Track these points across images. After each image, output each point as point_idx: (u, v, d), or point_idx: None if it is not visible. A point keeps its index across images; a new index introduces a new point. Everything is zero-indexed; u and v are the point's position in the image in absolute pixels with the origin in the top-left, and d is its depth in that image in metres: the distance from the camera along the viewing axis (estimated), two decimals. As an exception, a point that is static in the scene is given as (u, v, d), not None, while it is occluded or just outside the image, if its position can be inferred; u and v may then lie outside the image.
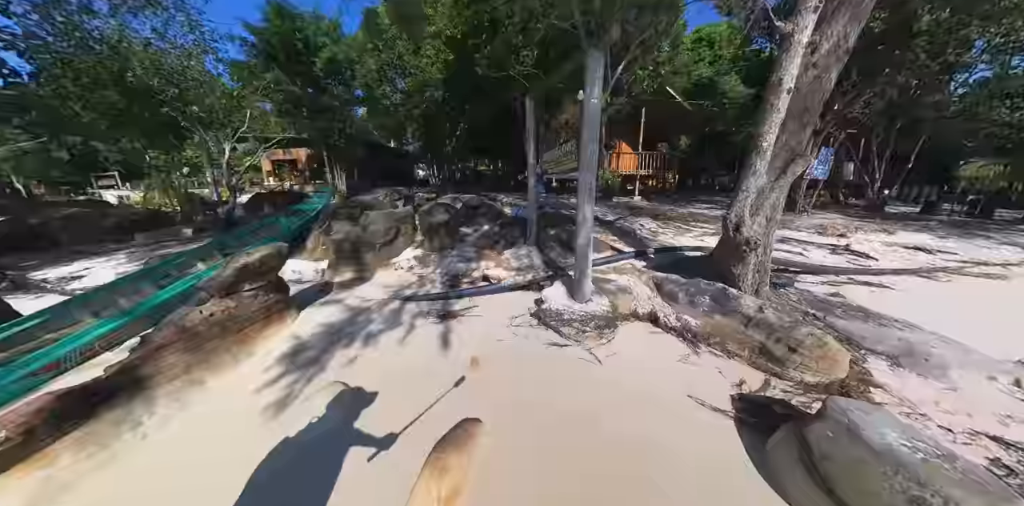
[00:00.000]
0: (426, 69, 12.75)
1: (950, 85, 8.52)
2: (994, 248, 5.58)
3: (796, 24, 1.89)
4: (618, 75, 5.28)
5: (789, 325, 1.97)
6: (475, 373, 2.32)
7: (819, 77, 2.07)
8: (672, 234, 5.75)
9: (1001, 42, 7.51)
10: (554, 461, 1.54)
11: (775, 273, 3.10)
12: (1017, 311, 3.09)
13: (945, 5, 6.46)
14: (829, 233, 6.39)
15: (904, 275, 4.13)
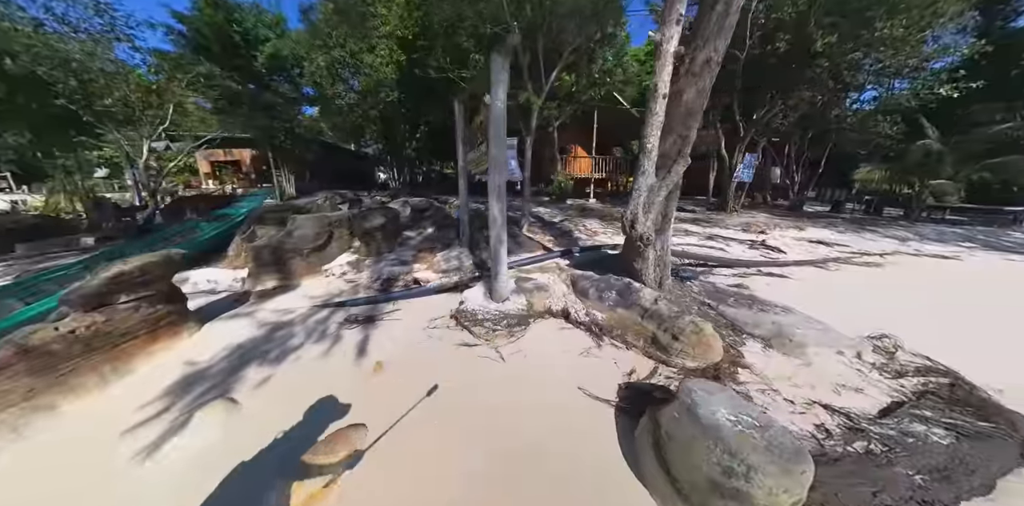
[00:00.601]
0: (380, 69, 12.40)
1: (846, 101, 9.74)
2: (878, 240, 6.42)
3: (664, 34, 2.04)
4: (552, 81, 5.45)
5: (675, 315, 2.09)
6: (376, 378, 2.22)
7: (697, 84, 2.24)
8: (612, 233, 5.98)
9: (879, 67, 8.73)
10: (440, 459, 1.49)
11: (687, 267, 3.31)
12: (879, 294, 3.54)
13: (834, 31, 7.41)
14: (751, 230, 7.01)
15: (803, 266, 4.61)
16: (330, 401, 2.02)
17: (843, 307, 3.13)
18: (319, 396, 2.06)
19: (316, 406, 1.99)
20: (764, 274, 4.14)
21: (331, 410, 1.94)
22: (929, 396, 1.68)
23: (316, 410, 1.95)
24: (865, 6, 7.45)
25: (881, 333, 2.40)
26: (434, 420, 1.75)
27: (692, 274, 2.92)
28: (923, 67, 8.97)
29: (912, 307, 3.14)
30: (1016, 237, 6.94)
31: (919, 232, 7.01)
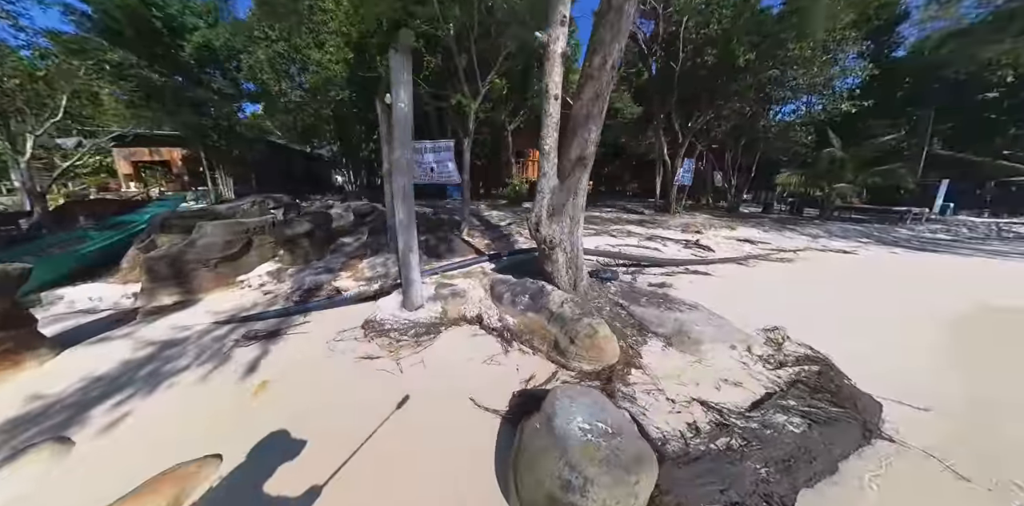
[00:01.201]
0: (329, 66, 11.76)
1: (770, 114, 10.75)
2: (795, 238, 7.07)
3: (550, 35, 2.05)
4: (487, 85, 5.43)
5: (576, 317, 2.07)
6: (256, 400, 1.98)
7: (595, 86, 2.27)
8: None
9: (795, 84, 9.74)
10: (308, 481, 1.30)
11: (608, 267, 3.35)
12: (785, 288, 3.80)
13: (753, 49, 8.16)
14: (689, 230, 7.43)
15: (727, 263, 4.92)
16: (193, 432, 1.75)
17: (751, 301, 3.33)
18: (182, 427, 1.78)
19: (175, 439, 1.71)
20: (690, 272, 4.34)
21: (190, 442, 1.67)
22: (799, 385, 1.77)
23: (173, 445, 1.67)
24: (779, 29, 8.29)
25: (774, 326, 2.54)
26: (317, 439, 1.56)
27: (612, 275, 2.95)
28: (830, 85, 10.18)
29: (810, 300, 3.41)
30: (902, 233, 7.97)
31: (828, 230, 7.80)
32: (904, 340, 2.52)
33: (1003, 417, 1.66)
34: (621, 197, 18.63)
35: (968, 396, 1.83)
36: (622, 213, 10.45)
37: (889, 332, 2.66)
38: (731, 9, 7.68)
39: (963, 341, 2.54)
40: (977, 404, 1.77)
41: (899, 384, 1.90)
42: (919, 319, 2.94)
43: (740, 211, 11.79)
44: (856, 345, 2.44)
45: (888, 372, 2.07)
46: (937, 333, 2.67)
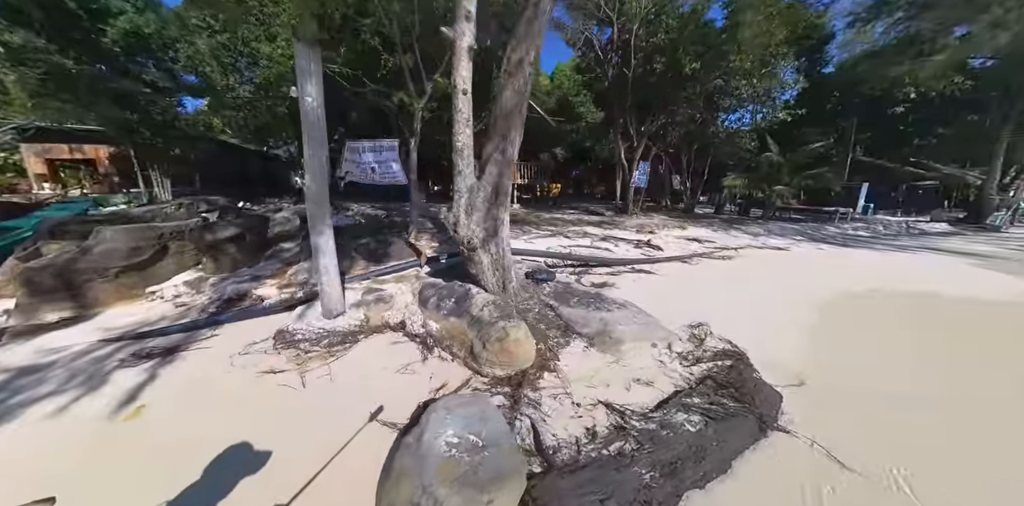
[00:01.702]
0: (281, 61, 11.05)
1: (718, 121, 11.44)
2: (739, 236, 7.51)
3: (456, 31, 1.98)
4: (432, 83, 5.30)
5: (493, 320, 1.97)
6: (128, 427, 1.70)
7: (514, 84, 2.21)
8: (514, 235, 5.97)
9: (738, 93, 10.45)
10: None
11: (545, 269, 3.31)
12: (721, 284, 3.95)
13: (698, 59, 8.66)
14: (643, 230, 7.67)
15: (672, 261, 5.09)
16: (46, 469, 1.46)
17: (687, 298, 3.42)
18: (32, 465, 1.48)
19: (16, 479, 1.41)
20: (636, 271, 4.42)
21: (32, 483, 1.39)
22: (708, 381, 1.78)
23: (11, 485, 1.37)
24: (721, 41, 8.85)
25: (699, 322, 2.60)
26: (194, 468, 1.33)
27: (548, 276, 2.90)
28: (770, 96, 11.04)
29: (739, 294, 3.56)
30: (830, 230, 8.71)
31: (769, 229, 8.36)
32: (808, 324, 2.67)
33: (890, 404, 1.76)
34: (589, 199, 19.05)
35: (855, 376, 1.94)
36: (584, 214, 10.64)
37: (799, 319, 2.82)
38: (677, 20, 8.09)
39: (858, 321, 2.74)
40: (864, 389, 1.87)
41: (800, 368, 1.99)
42: (832, 305, 3.15)
43: (695, 212, 12.42)
44: (769, 333, 2.56)
45: (788, 355, 2.18)
46: (841, 315, 2.86)
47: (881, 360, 2.22)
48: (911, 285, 4.05)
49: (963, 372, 2.10)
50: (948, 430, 1.57)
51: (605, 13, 9.37)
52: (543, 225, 7.93)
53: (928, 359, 2.24)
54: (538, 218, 9.15)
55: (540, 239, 6.01)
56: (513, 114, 2.25)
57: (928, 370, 2.10)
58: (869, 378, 1.97)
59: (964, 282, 4.20)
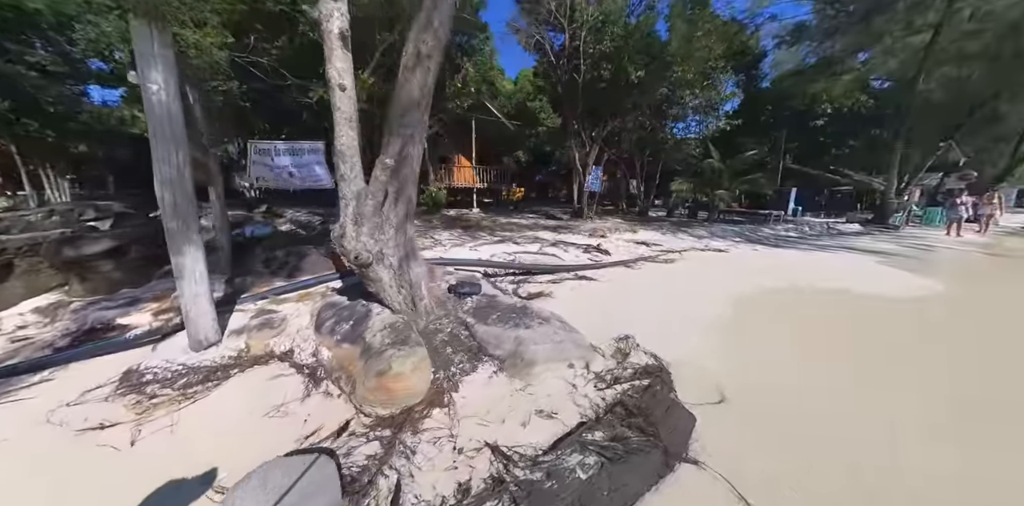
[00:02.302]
0: (210, 51, 9.91)
1: (667, 129, 11.99)
2: (685, 239, 7.81)
3: (321, 11, 1.71)
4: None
5: (381, 349, 1.70)
6: None
7: (413, 79, 1.97)
8: (456, 244, 5.69)
9: (683, 102, 11.03)
10: None
11: (468, 282, 3.08)
12: (661, 288, 3.94)
13: (643, 68, 8.99)
14: (595, 235, 7.74)
15: (617, 266, 5.10)
16: None
17: (623, 305, 3.36)
18: None
19: None
20: (579, 277, 4.33)
21: None
22: (618, 407, 1.63)
23: None
24: (665, 53, 9.27)
25: (625, 334, 2.49)
26: None
27: (472, 289, 2.67)
28: (714, 107, 11.81)
29: (676, 299, 3.56)
30: (766, 232, 9.37)
31: (712, 231, 8.79)
32: (733, 327, 2.68)
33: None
34: (553, 203, 19.20)
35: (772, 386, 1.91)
36: (543, 219, 10.62)
37: (726, 323, 2.83)
38: (622, 29, 8.32)
39: (779, 322, 2.80)
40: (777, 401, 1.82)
41: (722, 379, 1.92)
42: (757, 306, 3.23)
43: (649, 215, 12.88)
44: (696, 340, 2.52)
45: (712, 363, 2.13)
46: (764, 317, 2.91)
47: (800, 368, 2.22)
48: (829, 283, 4.34)
49: (872, 374, 2.15)
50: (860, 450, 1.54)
51: (557, 19, 9.49)
52: (497, 230, 7.73)
53: (840, 365, 2.28)
54: (493, 223, 8.94)
55: (488, 245, 5.78)
56: (412, 111, 1.99)
57: (842, 379, 2.12)
58: (786, 394, 1.92)
59: (873, 280, 4.57)
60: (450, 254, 4.88)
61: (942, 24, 9.23)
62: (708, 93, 10.67)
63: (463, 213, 11.55)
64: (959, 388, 2.01)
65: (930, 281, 4.55)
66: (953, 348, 2.61)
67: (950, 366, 2.31)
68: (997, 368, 2.28)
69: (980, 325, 3.10)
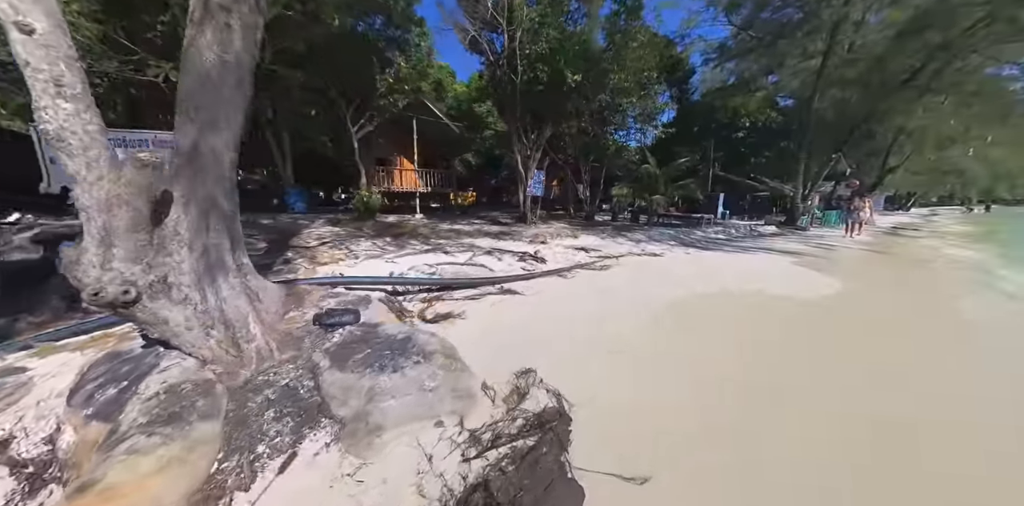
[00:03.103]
0: (83, 27, 8.05)
1: (608, 135, 12.31)
2: (623, 243, 7.88)
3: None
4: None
5: (120, 438, 1.12)
6: None
7: (194, 42, 1.41)
8: (365, 258, 5.01)
9: (623, 110, 11.38)
10: None
11: (339, 311, 2.54)
12: (586, 302, 3.64)
13: (587, 76, 9.06)
14: (536, 241, 7.51)
15: (549, 275, 4.83)
16: None
17: (541, 325, 3.01)
18: None
19: None
20: (504, 291, 3.96)
21: None
22: (477, 493, 1.21)
23: None
24: (602, 60, 9.43)
25: (527, 368, 2.12)
26: None
27: (344, 319, 2.13)
28: (653, 117, 12.40)
29: (596, 319, 3.31)
30: (698, 235, 9.91)
31: (650, 235, 9.05)
32: (653, 346, 2.46)
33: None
34: (506, 207, 18.90)
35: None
36: (488, 224, 10.22)
37: (646, 338, 2.61)
38: (559, 31, 8.26)
39: (704, 332, 2.65)
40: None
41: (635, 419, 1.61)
42: (683, 314, 3.08)
43: (595, 219, 13.11)
44: (612, 369, 2.24)
45: (624, 394, 1.83)
46: (689, 327, 2.75)
47: (735, 406, 1.89)
48: (750, 285, 4.51)
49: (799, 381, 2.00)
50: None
51: (496, 19, 9.22)
52: (432, 238, 7.16)
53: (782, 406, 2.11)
54: (432, 230, 8.34)
55: (412, 256, 5.21)
56: (206, 86, 1.43)
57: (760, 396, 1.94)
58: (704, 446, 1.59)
59: (788, 281, 4.84)
60: (359, 269, 4.23)
61: (828, 52, 10.55)
62: (645, 102, 11.13)
63: (404, 219, 10.75)
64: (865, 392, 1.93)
65: (834, 280, 4.93)
66: (854, 346, 2.67)
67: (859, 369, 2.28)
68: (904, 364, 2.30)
69: (878, 322, 3.27)
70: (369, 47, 8.31)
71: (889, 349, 2.71)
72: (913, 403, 1.92)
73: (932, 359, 2.56)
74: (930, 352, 2.68)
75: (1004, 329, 3.25)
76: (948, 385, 2.16)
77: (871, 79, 10.88)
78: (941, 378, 2.26)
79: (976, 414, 1.84)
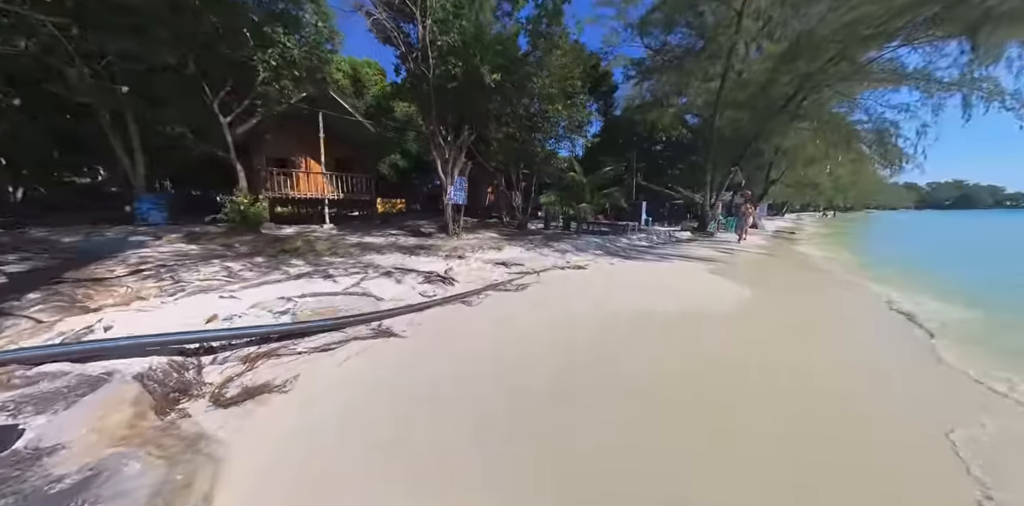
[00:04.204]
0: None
1: (535, 142, 12.07)
2: (549, 255, 7.43)
3: None
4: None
5: None
6: None
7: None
8: (193, 290, 3.66)
9: (552, 118, 11.23)
10: None
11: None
12: (481, 344, 2.84)
13: (510, 79, 8.58)
14: (454, 256, 6.68)
15: (449, 303, 4.00)
16: None
17: (406, 389, 2.18)
18: None
19: None
20: (377, 333, 3.02)
21: None
22: None
23: None
24: (524, 62, 9.07)
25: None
26: None
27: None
28: (580, 126, 12.50)
29: (494, 368, 2.58)
30: (623, 242, 10.05)
31: (577, 244, 8.81)
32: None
33: None
34: (441, 216, 17.52)
35: None
36: (406, 236, 9.07)
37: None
38: (472, 24, 7.63)
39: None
40: None
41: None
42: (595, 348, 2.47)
43: (528, 228, 12.74)
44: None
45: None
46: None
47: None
48: (669, 300, 4.26)
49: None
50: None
51: (406, 5, 8.28)
52: (325, 256, 5.85)
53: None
54: (332, 245, 6.95)
55: (272, 286, 3.95)
56: None
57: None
58: None
59: (704, 291, 4.78)
60: (164, 312, 2.89)
61: (725, 75, 11.75)
62: (571, 111, 11.13)
63: (305, 231, 9.06)
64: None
65: (743, 288, 4.99)
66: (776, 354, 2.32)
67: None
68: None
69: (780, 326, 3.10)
70: (236, 14, 6.70)
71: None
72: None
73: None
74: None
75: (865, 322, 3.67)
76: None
77: (757, 103, 12.41)
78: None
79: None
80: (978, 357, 2.66)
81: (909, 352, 2.90)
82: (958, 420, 1.85)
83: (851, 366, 2.65)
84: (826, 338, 3.38)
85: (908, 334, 3.25)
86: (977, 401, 2.11)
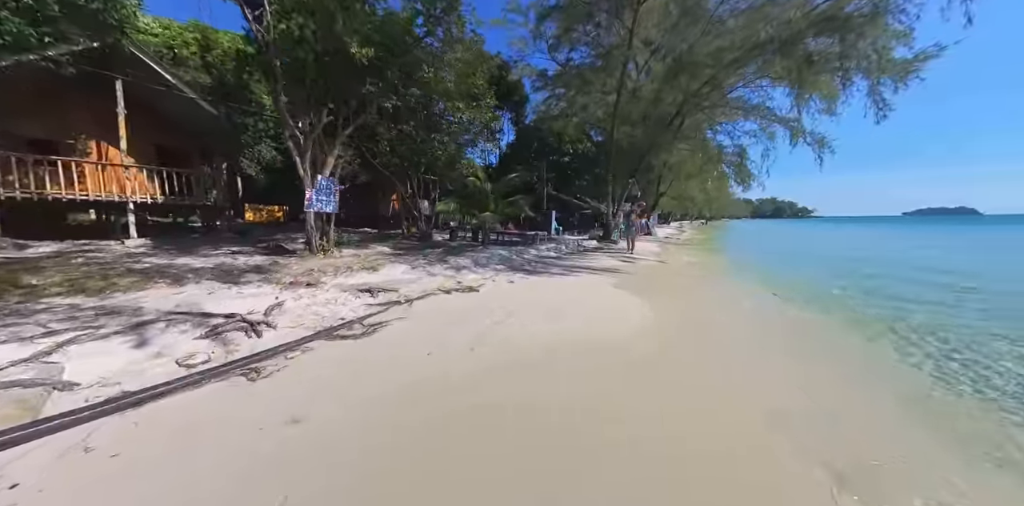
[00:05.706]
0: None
1: (435, 142, 10.78)
2: (439, 274, 6.09)
3: None
4: None
5: None
6: None
7: None
8: None
9: (458, 116, 10.12)
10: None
11: None
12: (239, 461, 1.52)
13: (394, 62, 7.13)
14: (298, 283, 4.89)
15: (222, 376, 2.42)
16: None
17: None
18: None
19: None
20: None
21: None
22: None
23: None
24: (413, 47, 7.73)
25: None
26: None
27: None
28: (492, 131, 11.60)
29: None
30: (531, 253, 9.44)
31: (477, 259, 7.75)
32: None
33: None
34: (344, 227, 14.40)
35: None
36: (251, 254, 6.73)
37: None
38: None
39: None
40: None
41: None
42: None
43: (434, 239, 11.26)
44: None
45: None
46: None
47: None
48: (573, 326, 3.50)
49: None
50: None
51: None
52: (53, 292, 3.48)
53: None
54: (101, 271, 4.44)
55: None
56: None
57: None
58: None
59: (610, 307, 4.35)
60: None
61: (620, 90, 12.44)
62: (475, 112, 10.25)
63: (80, 248, 5.97)
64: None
65: (642, 301, 4.64)
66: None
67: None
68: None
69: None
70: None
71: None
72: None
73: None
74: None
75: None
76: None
77: (648, 118, 13.51)
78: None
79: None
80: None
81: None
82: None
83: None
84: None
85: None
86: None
